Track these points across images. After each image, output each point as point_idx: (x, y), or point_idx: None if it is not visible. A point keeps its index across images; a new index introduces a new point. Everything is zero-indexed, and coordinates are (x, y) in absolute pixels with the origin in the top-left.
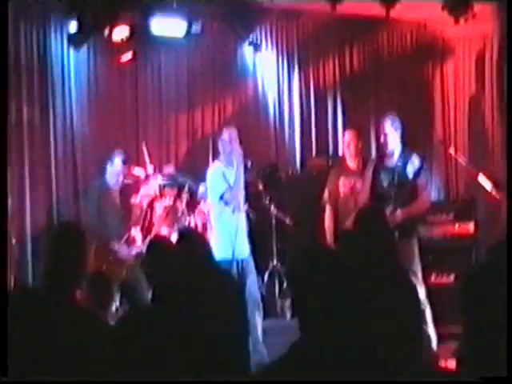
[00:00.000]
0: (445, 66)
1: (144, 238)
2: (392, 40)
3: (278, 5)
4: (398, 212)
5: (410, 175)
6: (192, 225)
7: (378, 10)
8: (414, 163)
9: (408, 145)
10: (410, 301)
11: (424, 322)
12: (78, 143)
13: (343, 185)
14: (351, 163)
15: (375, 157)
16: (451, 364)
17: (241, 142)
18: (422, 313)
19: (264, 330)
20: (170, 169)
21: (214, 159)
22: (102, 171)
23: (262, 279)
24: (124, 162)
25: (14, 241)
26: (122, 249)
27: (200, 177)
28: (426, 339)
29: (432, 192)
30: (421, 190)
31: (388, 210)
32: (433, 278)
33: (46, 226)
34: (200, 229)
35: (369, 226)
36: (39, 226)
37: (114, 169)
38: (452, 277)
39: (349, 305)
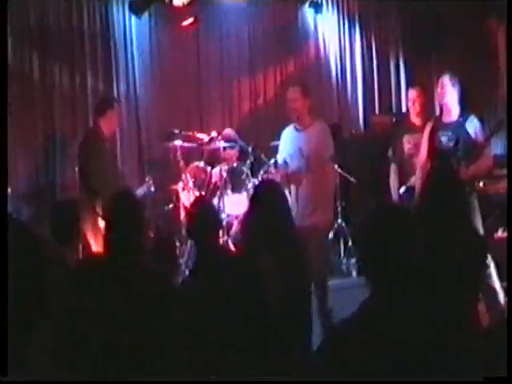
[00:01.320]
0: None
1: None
2: None
3: None
4: (463, 169)
5: (471, 131)
6: None
7: None
8: (474, 122)
9: (469, 103)
10: (478, 256)
11: (489, 277)
12: (141, 110)
13: (407, 142)
14: (416, 120)
15: (436, 115)
16: None
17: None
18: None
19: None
20: (231, 132)
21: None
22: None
23: (327, 238)
24: None
25: None
26: None
27: (262, 140)
28: (492, 294)
29: (494, 148)
30: (481, 147)
31: (454, 164)
32: (500, 233)
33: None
34: None
35: (443, 185)
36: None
37: None
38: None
39: (416, 263)
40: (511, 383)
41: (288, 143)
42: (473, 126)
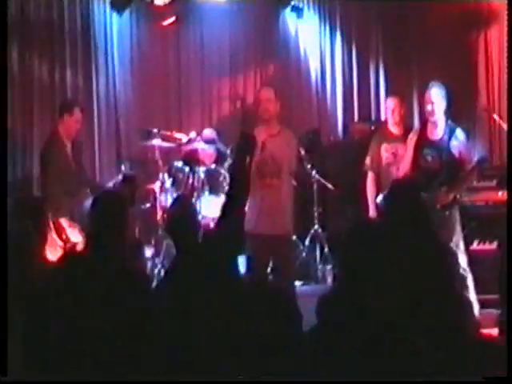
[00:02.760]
0: (489, 32)
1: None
2: (436, 5)
3: None
4: (447, 191)
5: (455, 150)
6: None
7: None
8: (459, 137)
9: (452, 112)
10: (450, 269)
11: (466, 289)
12: (120, 107)
13: (385, 151)
14: (394, 129)
15: (418, 127)
16: (493, 332)
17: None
18: (463, 280)
19: (304, 295)
20: (211, 132)
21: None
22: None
23: (303, 244)
24: None
25: None
26: None
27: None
28: (468, 306)
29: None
30: (467, 164)
31: (434, 188)
32: (475, 245)
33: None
34: None
35: (402, 200)
36: None
37: None
38: (495, 244)
39: (389, 274)
40: (511, 383)
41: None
42: (458, 144)
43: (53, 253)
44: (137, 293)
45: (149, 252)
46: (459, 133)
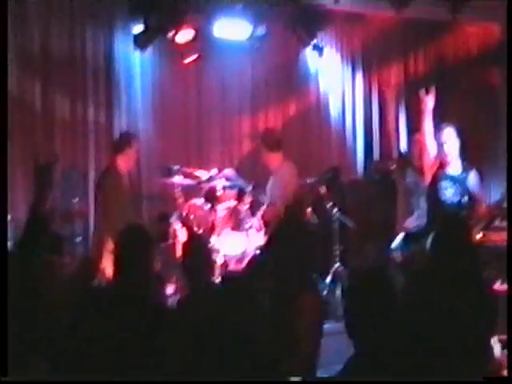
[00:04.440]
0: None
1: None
2: (456, 44)
3: (341, 8)
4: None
5: (471, 188)
6: (254, 227)
7: (442, 14)
8: (474, 179)
9: (469, 155)
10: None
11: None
12: (142, 144)
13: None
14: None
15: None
16: None
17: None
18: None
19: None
20: (231, 172)
21: None
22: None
23: (324, 282)
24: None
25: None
26: None
27: (262, 180)
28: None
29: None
30: (478, 203)
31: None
32: (498, 285)
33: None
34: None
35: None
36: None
37: None
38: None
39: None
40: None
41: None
42: (473, 183)
43: None
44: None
45: (170, 289)
46: (474, 174)
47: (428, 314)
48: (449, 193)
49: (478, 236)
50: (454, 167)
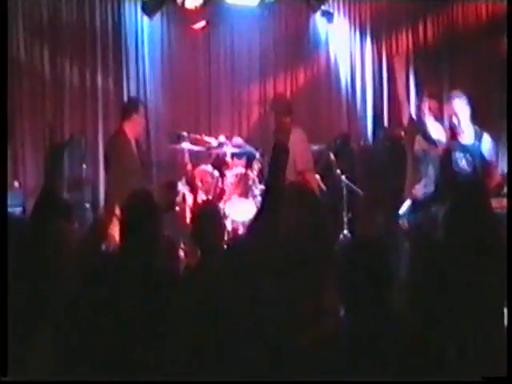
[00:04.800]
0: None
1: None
2: (467, 13)
3: None
4: None
5: (485, 153)
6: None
7: None
8: (487, 143)
9: (480, 121)
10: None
11: None
12: (150, 111)
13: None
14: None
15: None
16: None
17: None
18: None
19: None
20: (240, 140)
21: None
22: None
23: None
24: None
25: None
26: None
27: (270, 146)
28: None
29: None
30: (493, 168)
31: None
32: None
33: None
34: None
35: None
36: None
37: None
38: None
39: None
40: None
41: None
42: (487, 147)
43: None
44: (162, 291)
45: (181, 253)
46: (487, 140)
47: (438, 285)
48: (463, 163)
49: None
50: (467, 136)
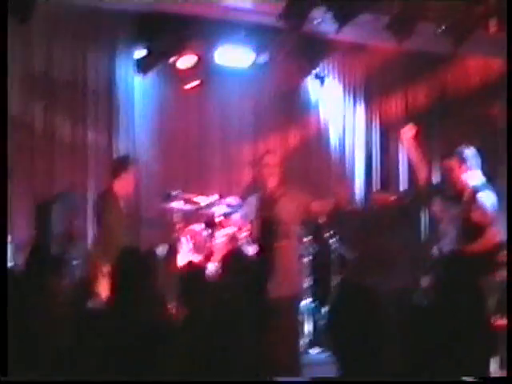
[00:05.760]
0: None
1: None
2: (457, 77)
3: (343, 38)
4: None
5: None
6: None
7: (444, 47)
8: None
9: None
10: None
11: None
12: (141, 168)
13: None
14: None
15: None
16: None
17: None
18: None
19: (322, 363)
20: (234, 199)
21: None
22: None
23: (320, 312)
24: None
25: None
26: None
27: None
28: None
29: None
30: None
31: None
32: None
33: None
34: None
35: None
36: None
37: None
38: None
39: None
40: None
41: (255, 210)
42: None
43: None
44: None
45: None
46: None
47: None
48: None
49: None
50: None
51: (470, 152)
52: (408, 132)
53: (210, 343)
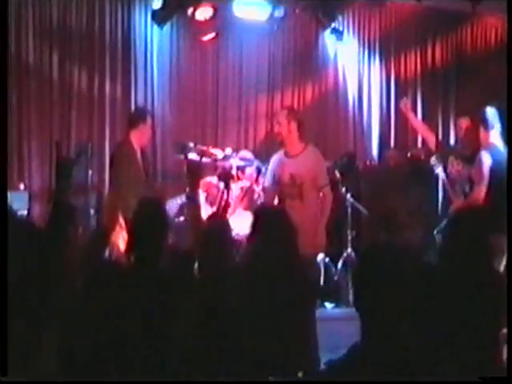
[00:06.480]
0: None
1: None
2: (476, 35)
3: None
4: None
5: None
6: None
7: (462, 5)
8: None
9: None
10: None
11: None
12: (157, 120)
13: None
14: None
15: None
16: None
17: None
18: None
19: (336, 318)
20: (247, 153)
21: None
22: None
23: (336, 267)
24: None
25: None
26: None
27: None
28: None
29: None
30: None
31: None
32: None
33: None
34: None
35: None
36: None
37: None
38: None
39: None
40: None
41: (278, 169)
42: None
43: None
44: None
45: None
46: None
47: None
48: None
49: None
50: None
51: (489, 112)
52: (404, 107)
53: (231, 297)
